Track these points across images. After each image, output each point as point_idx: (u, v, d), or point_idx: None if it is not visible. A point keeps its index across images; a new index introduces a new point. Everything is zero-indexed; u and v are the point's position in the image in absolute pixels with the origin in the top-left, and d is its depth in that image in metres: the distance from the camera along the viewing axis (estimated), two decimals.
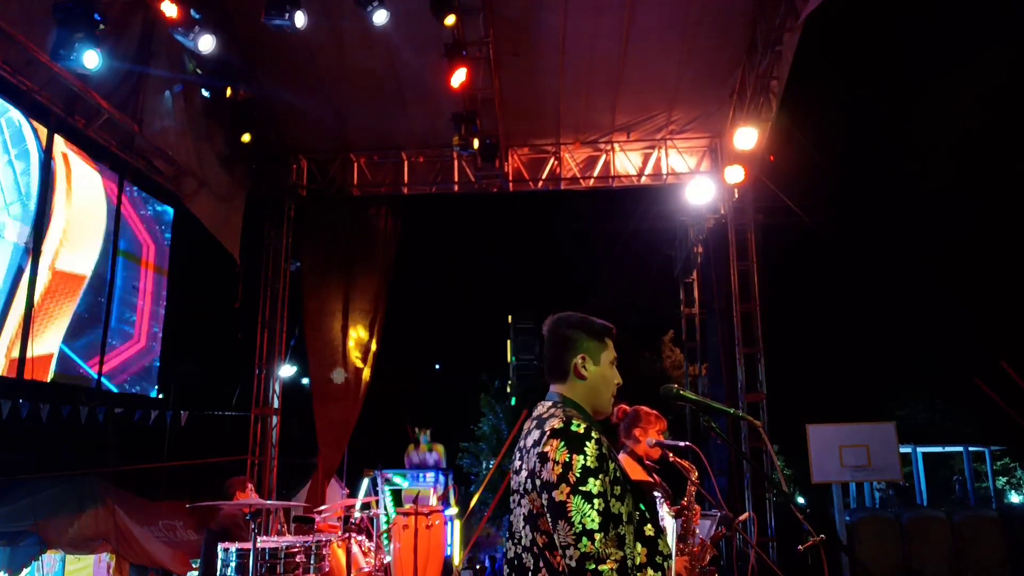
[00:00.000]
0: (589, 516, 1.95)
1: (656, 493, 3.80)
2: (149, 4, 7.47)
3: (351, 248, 11.04)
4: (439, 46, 8.29)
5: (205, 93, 8.74)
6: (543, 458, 2.07)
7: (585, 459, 2.02)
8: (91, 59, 6.46)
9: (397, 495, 9.69)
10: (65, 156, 7.78)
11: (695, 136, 10.72)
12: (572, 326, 2.35)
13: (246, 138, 9.11)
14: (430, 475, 9.65)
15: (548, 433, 2.10)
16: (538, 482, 2.07)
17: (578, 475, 2.00)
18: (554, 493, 2.01)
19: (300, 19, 7.45)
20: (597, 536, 1.94)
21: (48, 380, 7.60)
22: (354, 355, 10.80)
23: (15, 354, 7.08)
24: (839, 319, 22.52)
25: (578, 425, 2.09)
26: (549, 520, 2.03)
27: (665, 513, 3.65)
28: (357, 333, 10.87)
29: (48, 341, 7.60)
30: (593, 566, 1.92)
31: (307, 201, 11.14)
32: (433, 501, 9.07)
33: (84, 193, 8.08)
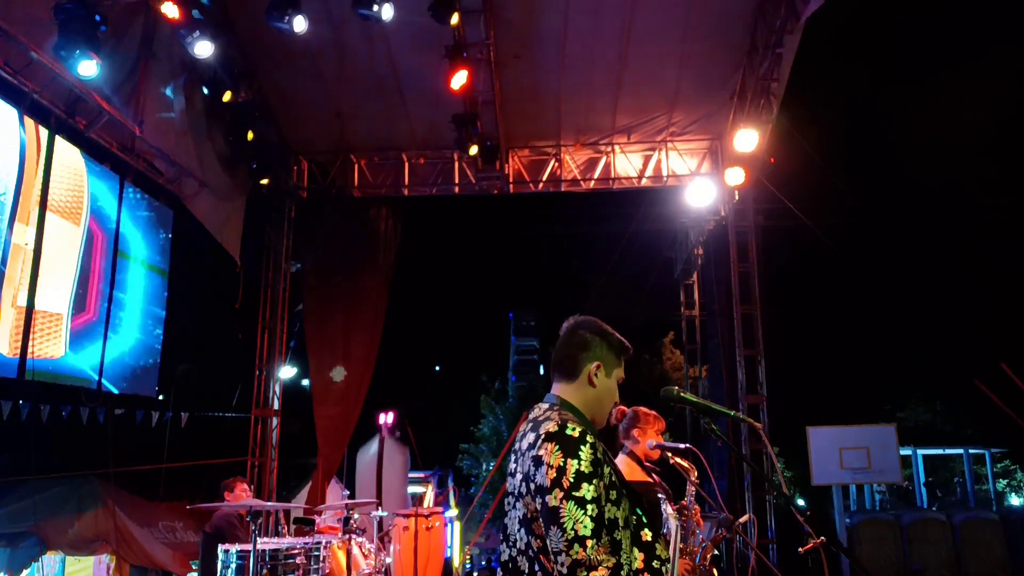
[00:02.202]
0: (582, 522, 1.94)
1: (660, 495, 3.80)
2: (150, 5, 7.48)
3: (351, 249, 11.03)
4: (440, 47, 8.29)
5: (205, 91, 8.74)
6: (537, 462, 2.05)
7: (579, 463, 2.00)
8: (87, 68, 6.48)
9: None
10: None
11: (695, 138, 10.72)
12: (595, 332, 2.34)
13: (250, 135, 9.11)
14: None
15: (543, 436, 2.08)
16: (532, 486, 2.06)
17: (572, 480, 1.98)
18: (547, 498, 1.99)
19: (300, 24, 7.46)
20: (589, 543, 1.93)
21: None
22: (354, 356, 10.79)
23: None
24: (839, 321, 22.54)
25: (573, 428, 2.07)
26: (543, 525, 2.02)
27: (669, 514, 3.64)
28: (357, 334, 10.85)
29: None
30: (585, 573, 1.91)
31: (308, 202, 11.14)
32: (429, 495, 9.04)
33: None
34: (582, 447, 2.03)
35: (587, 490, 1.97)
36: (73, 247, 7.99)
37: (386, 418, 11.00)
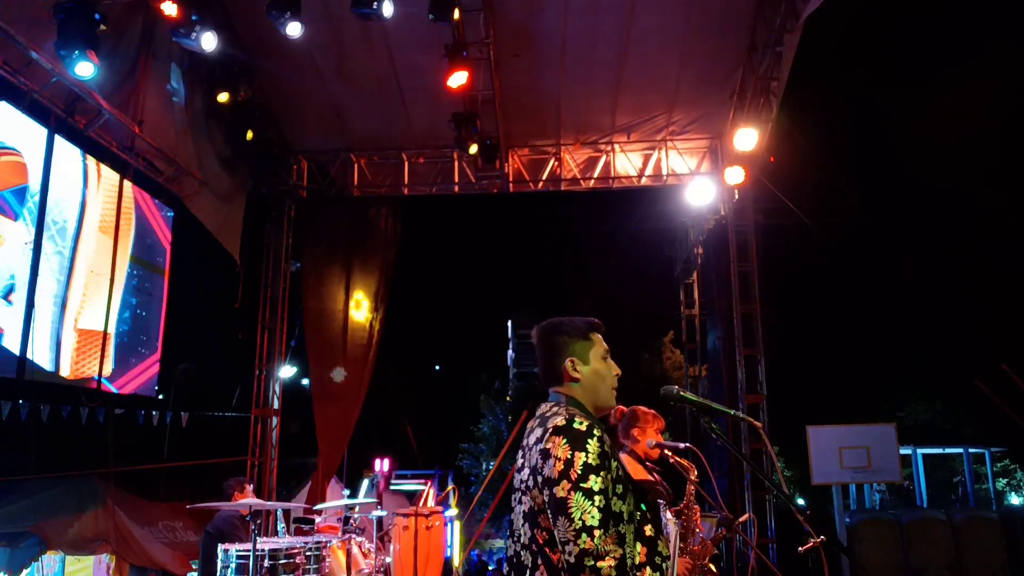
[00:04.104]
0: (589, 513, 1.97)
1: (660, 501, 3.79)
2: (150, 4, 7.47)
3: (351, 248, 11.05)
4: (439, 46, 8.29)
5: (204, 89, 8.73)
6: (545, 455, 2.09)
7: (587, 456, 2.03)
8: (84, 69, 6.48)
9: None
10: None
11: (695, 137, 10.72)
12: (556, 332, 2.38)
13: (249, 135, 9.10)
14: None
15: (550, 430, 2.12)
16: (540, 479, 2.09)
17: (580, 472, 2.01)
18: (555, 489, 2.02)
19: (294, 29, 7.47)
20: (597, 533, 1.95)
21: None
22: (354, 356, 10.79)
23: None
24: (839, 320, 22.52)
25: (580, 423, 2.11)
26: (550, 516, 2.04)
27: (668, 519, 3.64)
28: (357, 334, 10.86)
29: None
30: (592, 562, 1.93)
31: (307, 201, 11.14)
32: (430, 502, 9.06)
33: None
34: (589, 440, 2.06)
35: (595, 482, 2.00)
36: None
37: (381, 465, 11.01)
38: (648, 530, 2.15)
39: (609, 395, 2.36)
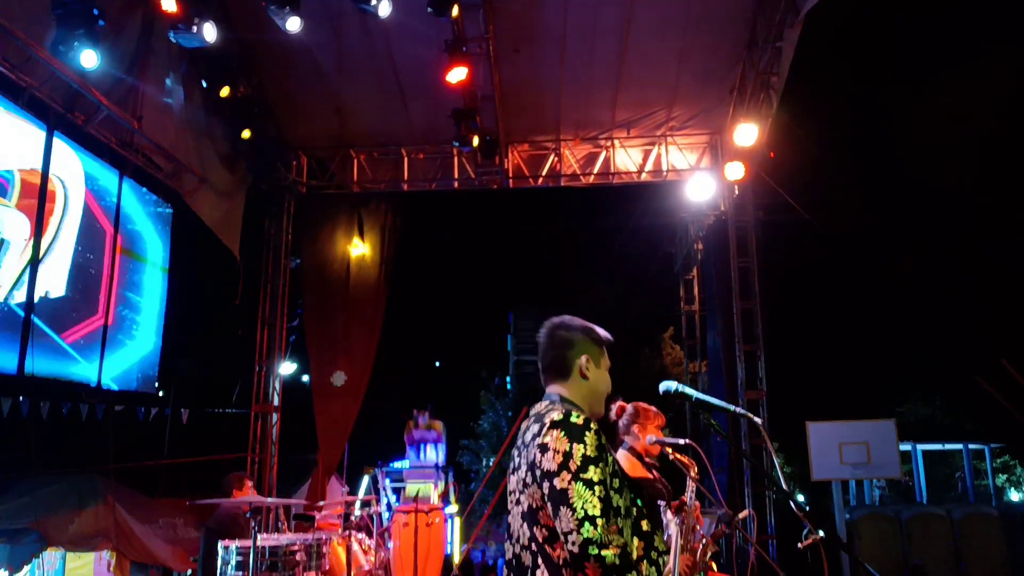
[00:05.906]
0: (591, 503, 1.97)
1: (660, 501, 3.79)
2: (149, 0, 7.45)
3: (351, 244, 11.05)
4: (439, 42, 8.27)
5: (204, 86, 8.72)
6: (543, 448, 2.10)
7: (585, 448, 2.05)
8: (89, 59, 6.47)
9: (398, 493, 9.70)
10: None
11: (695, 132, 10.70)
12: (575, 328, 2.41)
13: (246, 134, 9.09)
14: (430, 448, 9.67)
15: (548, 424, 2.13)
16: (538, 472, 2.09)
17: (579, 463, 2.02)
18: (555, 481, 2.03)
19: (293, 24, 7.46)
20: (599, 522, 1.96)
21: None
22: (354, 352, 10.79)
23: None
24: (839, 316, 22.55)
25: (578, 416, 2.13)
26: (550, 510, 2.05)
27: (669, 519, 3.63)
28: (357, 330, 10.85)
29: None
30: (596, 551, 1.93)
31: (307, 197, 11.13)
32: (434, 499, 9.07)
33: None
34: (587, 433, 2.08)
35: (594, 472, 2.02)
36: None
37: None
38: (644, 525, 2.16)
39: (603, 405, 2.43)
